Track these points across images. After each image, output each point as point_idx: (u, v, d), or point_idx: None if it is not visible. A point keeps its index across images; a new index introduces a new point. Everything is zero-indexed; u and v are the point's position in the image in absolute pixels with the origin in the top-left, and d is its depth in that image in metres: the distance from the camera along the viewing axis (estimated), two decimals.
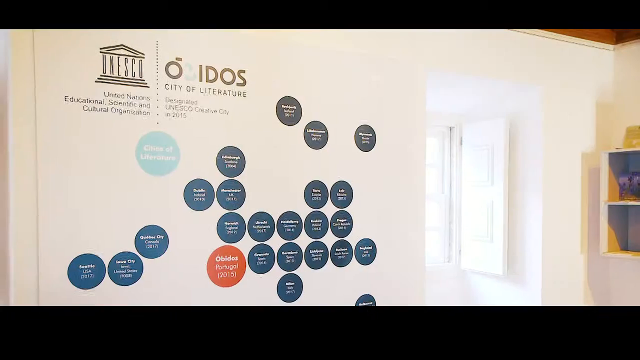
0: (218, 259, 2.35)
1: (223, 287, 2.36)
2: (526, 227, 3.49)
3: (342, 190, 2.67)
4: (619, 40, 3.60)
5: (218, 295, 2.35)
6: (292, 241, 2.53)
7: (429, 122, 3.93)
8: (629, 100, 3.57)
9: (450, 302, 3.92)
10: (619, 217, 3.52)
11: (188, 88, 2.26)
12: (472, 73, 3.14)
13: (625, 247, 3.55)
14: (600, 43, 3.57)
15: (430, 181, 4.05)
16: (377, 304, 2.77)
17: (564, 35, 3.41)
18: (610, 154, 3.43)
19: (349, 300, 2.70)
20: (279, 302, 2.50)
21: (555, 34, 3.37)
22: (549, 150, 3.41)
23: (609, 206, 3.44)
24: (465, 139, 3.89)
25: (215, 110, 2.33)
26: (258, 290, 2.44)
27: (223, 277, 2.36)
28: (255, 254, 2.43)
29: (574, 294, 3.55)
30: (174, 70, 2.23)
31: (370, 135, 2.74)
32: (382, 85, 2.77)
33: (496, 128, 3.59)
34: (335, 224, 2.65)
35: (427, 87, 3.26)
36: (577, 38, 3.46)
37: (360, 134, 2.71)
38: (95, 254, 2.09)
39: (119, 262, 2.13)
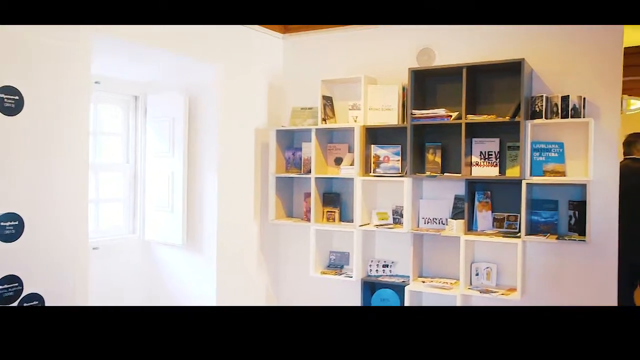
0: None
1: None
2: (204, 197, 3.64)
3: None
4: (286, 30, 4.00)
5: None
6: None
7: (113, 89, 3.75)
8: (294, 84, 4.01)
9: (134, 273, 3.87)
10: (285, 188, 3.96)
11: None
12: (147, 43, 3.07)
13: (290, 214, 4.02)
14: (271, 31, 3.91)
15: (115, 151, 3.90)
16: (25, 285, 2.53)
17: None
18: (277, 130, 3.81)
19: None
20: None
21: None
22: (226, 125, 3.61)
23: (277, 178, 3.84)
24: (149, 109, 3.83)
25: None
26: None
27: None
28: None
29: (248, 258, 3.87)
30: None
31: (17, 98, 2.45)
32: (35, 45, 2.49)
33: (177, 100, 3.63)
34: None
35: (107, 54, 3.09)
36: (253, 24, 3.71)
37: (3, 95, 2.40)
38: None
39: None
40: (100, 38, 2.81)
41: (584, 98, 3.04)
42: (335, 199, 3.78)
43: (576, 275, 3.14)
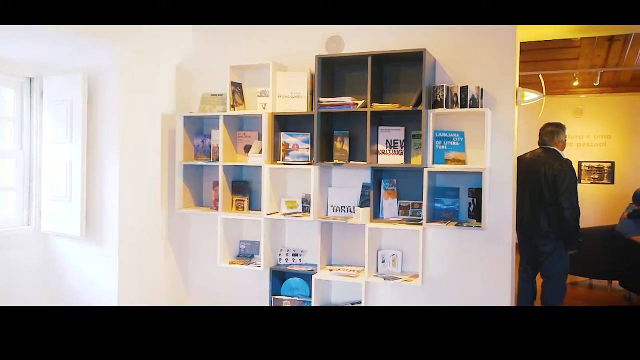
0: None
1: None
2: (105, 186, 3.46)
3: None
4: None
5: None
6: None
7: (2, 70, 3.48)
8: (205, 70, 3.88)
9: (28, 266, 3.63)
10: (195, 176, 3.84)
11: None
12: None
13: (200, 203, 3.91)
14: None
15: (7, 136, 3.63)
16: None
17: None
18: (185, 117, 3.68)
19: None
20: None
21: None
22: (129, 110, 3.44)
23: (184, 166, 3.71)
24: (45, 92, 3.60)
25: None
26: None
27: None
28: None
29: (154, 249, 3.72)
30: None
31: None
32: None
33: (75, 83, 3.42)
34: None
35: None
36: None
37: None
38: None
39: None
40: None
41: (482, 89, 3.14)
42: (244, 187, 3.70)
43: (473, 261, 3.25)
